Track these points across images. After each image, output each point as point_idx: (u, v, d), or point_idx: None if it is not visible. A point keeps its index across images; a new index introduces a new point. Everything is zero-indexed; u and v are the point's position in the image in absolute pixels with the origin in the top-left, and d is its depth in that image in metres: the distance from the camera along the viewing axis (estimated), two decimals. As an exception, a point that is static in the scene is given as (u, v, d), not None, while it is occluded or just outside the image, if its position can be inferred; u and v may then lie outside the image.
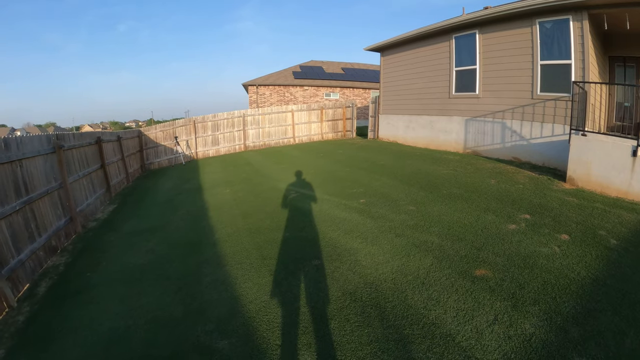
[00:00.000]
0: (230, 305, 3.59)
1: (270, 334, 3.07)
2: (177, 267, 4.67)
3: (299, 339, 2.94)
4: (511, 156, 8.93)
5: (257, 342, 2.98)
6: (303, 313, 3.31)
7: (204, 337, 3.13)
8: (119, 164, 11.12)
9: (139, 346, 3.13)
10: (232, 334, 3.12)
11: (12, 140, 4.75)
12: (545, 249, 3.95)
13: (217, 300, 3.72)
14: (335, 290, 3.61)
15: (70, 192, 6.44)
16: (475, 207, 5.54)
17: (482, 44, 9.65)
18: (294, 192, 7.62)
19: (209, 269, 4.48)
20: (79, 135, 7.67)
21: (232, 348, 2.94)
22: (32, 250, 4.80)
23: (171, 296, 3.94)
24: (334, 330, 3.00)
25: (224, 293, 3.85)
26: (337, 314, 3.21)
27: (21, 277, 4.47)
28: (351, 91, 27.96)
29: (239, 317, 3.37)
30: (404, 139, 13.51)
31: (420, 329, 2.87)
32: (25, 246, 4.70)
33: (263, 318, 3.30)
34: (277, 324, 3.19)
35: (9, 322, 3.74)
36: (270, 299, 3.62)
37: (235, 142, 17.36)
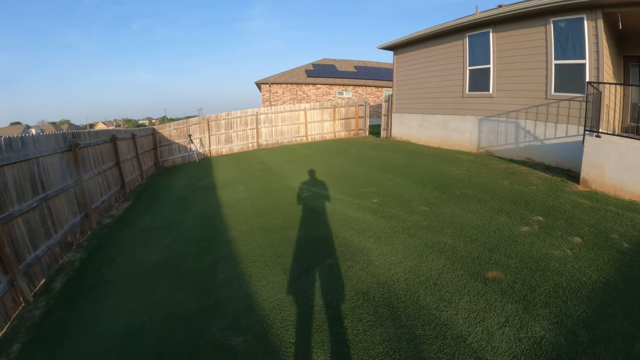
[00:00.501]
0: (244, 303, 3.66)
1: (284, 331, 3.13)
2: (192, 264, 4.76)
3: (313, 337, 3.00)
4: (525, 157, 8.85)
5: (271, 339, 3.04)
6: (316, 312, 3.36)
7: (219, 333, 3.20)
8: (134, 162, 11.31)
9: (154, 342, 3.21)
10: (246, 331, 3.19)
11: (29, 139, 4.89)
12: (557, 252, 3.94)
13: (232, 297, 3.79)
14: (349, 290, 3.66)
15: (85, 189, 6.59)
16: (488, 208, 5.54)
17: (495, 42, 9.56)
18: (307, 191, 7.69)
19: (223, 266, 4.56)
20: (94, 133, 7.83)
21: (247, 345, 3.00)
22: (48, 246, 4.95)
23: (186, 293, 4.02)
24: (346, 329, 3.05)
25: (238, 290, 3.93)
26: (350, 313, 3.26)
27: (37, 272, 4.62)
28: (364, 89, 27.91)
29: (253, 314, 3.44)
30: (417, 138, 13.47)
31: (432, 330, 2.90)
32: (42, 242, 4.85)
33: (277, 316, 3.37)
34: (290, 322, 3.25)
35: (25, 317, 3.87)
36: (284, 297, 3.68)
37: (249, 140, 17.49)
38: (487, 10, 10.00)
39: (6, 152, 4.28)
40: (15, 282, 3.99)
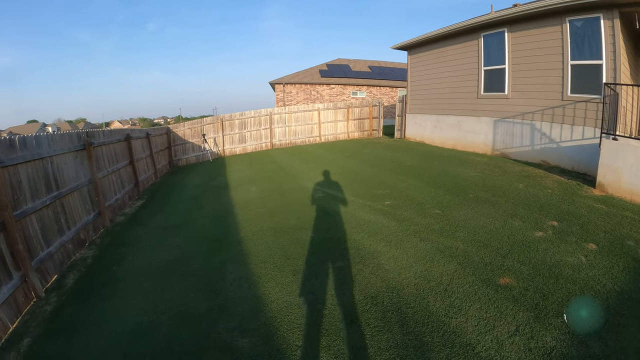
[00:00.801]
0: (252, 304, 3.66)
1: (291, 334, 3.11)
2: (202, 264, 4.79)
3: (319, 341, 2.97)
4: (540, 159, 8.66)
5: (278, 342, 3.03)
6: (324, 315, 3.33)
7: (225, 334, 3.21)
8: (148, 160, 11.45)
9: (162, 341, 3.24)
10: (253, 333, 3.19)
11: (43, 138, 4.98)
12: (571, 259, 3.83)
13: (240, 298, 3.80)
14: (357, 294, 3.62)
15: (99, 187, 6.69)
16: (502, 212, 5.43)
17: (511, 42, 9.37)
18: (320, 192, 7.67)
19: (233, 267, 4.57)
20: (108, 132, 7.95)
21: (253, 347, 3.00)
22: (61, 243, 5.04)
23: (195, 292, 4.05)
24: (354, 334, 3.01)
25: (247, 291, 3.93)
26: (358, 318, 3.22)
27: (50, 268, 4.71)
28: (378, 90, 27.77)
29: (260, 315, 3.44)
30: (431, 139, 13.32)
31: (441, 337, 2.84)
32: (55, 239, 4.94)
33: (284, 318, 3.35)
34: (297, 325, 3.23)
35: (37, 312, 3.95)
36: (293, 299, 3.67)
37: (262, 140, 17.55)
38: (502, 10, 9.81)
39: (20, 151, 4.37)
40: (28, 278, 4.08)
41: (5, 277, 3.77)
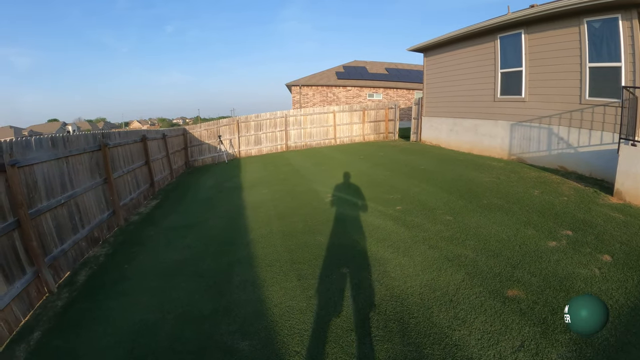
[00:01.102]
0: (255, 307, 3.67)
1: (290, 339, 3.11)
2: (211, 265, 4.85)
3: (318, 348, 2.96)
4: (557, 165, 8.40)
5: (277, 346, 3.03)
6: (325, 322, 3.31)
7: (227, 336, 3.24)
8: (164, 161, 11.63)
9: (165, 339, 3.30)
10: (253, 336, 3.20)
11: (59, 139, 5.11)
12: (584, 271, 3.67)
13: (244, 301, 3.82)
14: (360, 301, 3.58)
15: (114, 187, 6.83)
16: (516, 220, 5.29)
17: (528, 44, 9.14)
18: (331, 196, 7.64)
19: (240, 269, 4.60)
20: (124, 133, 8.10)
21: (252, 350, 3.02)
22: (74, 240, 5.18)
23: (201, 293, 4.10)
24: (353, 342, 2.98)
25: (251, 294, 3.95)
26: (359, 326, 3.19)
27: (63, 265, 4.85)
28: (395, 92, 27.55)
29: (262, 319, 3.45)
30: (447, 143, 13.13)
31: (442, 350, 2.77)
32: (69, 237, 5.09)
33: (285, 323, 3.35)
34: (297, 330, 3.22)
35: (48, 307, 4.09)
36: (295, 304, 3.66)
37: (277, 142, 17.63)
38: (518, 11, 9.56)
39: (36, 152, 4.49)
40: (41, 274, 4.22)
41: (19, 273, 3.90)
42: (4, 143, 3.87)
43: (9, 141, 3.96)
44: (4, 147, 3.87)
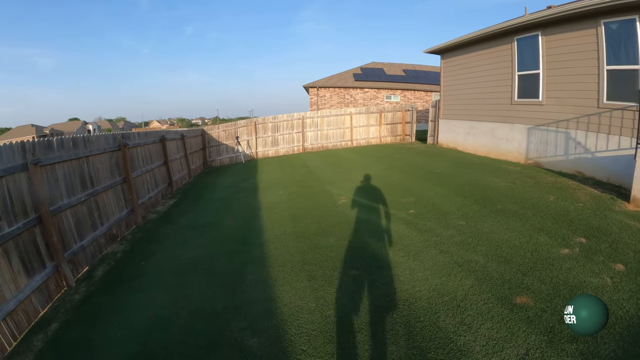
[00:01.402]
0: (265, 306, 3.78)
1: (298, 338, 3.19)
2: (224, 264, 4.98)
3: (324, 348, 3.03)
4: (575, 170, 8.22)
5: (284, 344, 3.12)
6: (332, 322, 3.38)
7: (237, 333, 3.35)
8: (182, 161, 11.88)
9: (177, 334, 3.44)
10: (262, 334, 3.30)
11: (80, 139, 5.34)
12: (595, 280, 3.61)
13: (255, 300, 3.93)
14: (368, 303, 3.63)
15: (132, 186, 7.04)
16: (529, 226, 5.24)
17: (545, 46, 8.97)
18: (345, 198, 7.69)
19: (252, 269, 4.72)
20: (143, 134, 8.33)
21: (261, 347, 3.12)
22: (93, 237, 5.40)
23: (214, 291, 4.24)
24: (358, 344, 3.04)
25: (262, 293, 4.05)
26: (365, 328, 3.24)
27: (81, 260, 5.08)
28: (412, 94, 27.40)
29: (271, 318, 3.55)
30: (463, 146, 13.00)
31: (446, 355, 2.79)
32: (88, 233, 5.31)
33: (294, 322, 3.44)
34: (305, 330, 3.30)
35: (66, 300, 4.30)
36: (304, 304, 3.74)
37: (294, 143, 17.76)
38: (536, 12, 9.38)
39: (57, 151, 4.70)
40: (60, 268, 4.43)
41: (39, 267, 4.12)
42: (27, 143, 4.07)
43: (32, 141, 4.17)
44: (27, 147, 4.08)
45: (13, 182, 3.87)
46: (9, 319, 3.47)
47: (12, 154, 3.87)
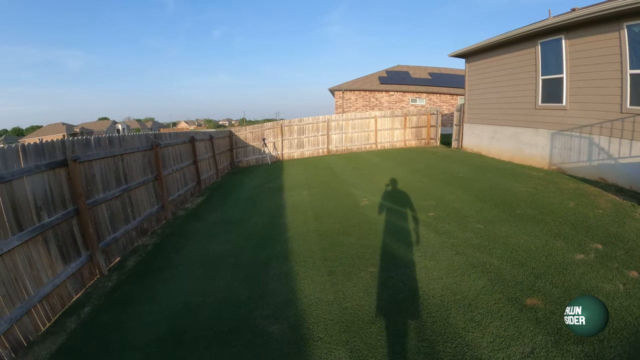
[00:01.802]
0: (287, 297, 4.06)
1: (316, 326, 3.45)
2: (250, 258, 5.32)
3: (339, 336, 3.28)
4: (597, 176, 8.08)
5: (303, 332, 3.39)
6: (348, 313, 3.62)
7: (260, 320, 3.65)
8: (210, 161, 12.33)
9: (203, 320, 3.78)
10: (283, 321, 3.59)
11: (115, 139, 5.78)
12: (608, 286, 3.67)
13: (278, 291, 4.23)
14: (383, 298, 3.84)
15: (163, 183, 7.46)
16: (546, 231, 5.29)
17: (568, 50, 8.85)
18: (366, 199, 7.88)
19: (276, 263, 5.03)
20: (174, 134, 8.78)
21: (281, 333, 3.40)
22: (126, 230, 5.85)
23: (239, 282, 4.57)
24: (371, 334, 3.26)
25: (284, 285, 4.35)
26: (379, 320, 3.46)
27: (114, 251, 5.54)
28: (438, 97, 27.18)
29: (292, 307, 3.83)
30: (487, 151, 12.91)
31: (453, 348, 2.97)
32: (121, 226, 5.76)
33: (313, 312, 3.70)
34: (323, 320, 3.56)
35: (99, 287, 4.74)
36: (323, 296, 4.00)
37: (319, 145, 18.02)
38: (559, 15, 9.26)
39: (95, 149, 5.15)
40: (94, 257, 4.89)
41: (75, 255, 4.57)
42: (67, 141, 4.50)
43: (71, 139, 4.62)
44: (67, 144, 4.51)
45: (54, 176, 4.29)
46: (45, 302, 3.89)
47: (53, 151, 4.31)
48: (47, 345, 3.57)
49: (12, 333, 3.37)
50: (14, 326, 3.39)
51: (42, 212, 4.03)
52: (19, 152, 3.77)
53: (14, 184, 3.65)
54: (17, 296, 3.51)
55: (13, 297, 3.45)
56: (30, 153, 3.93)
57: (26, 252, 3.72)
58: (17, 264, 3.57)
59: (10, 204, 3.58)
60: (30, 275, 3.73)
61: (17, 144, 3.85)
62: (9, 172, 3.57)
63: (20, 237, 3.62)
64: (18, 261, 3.58)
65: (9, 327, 3.31)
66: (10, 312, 3.37)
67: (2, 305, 3.31)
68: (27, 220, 3.79)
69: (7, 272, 3.42)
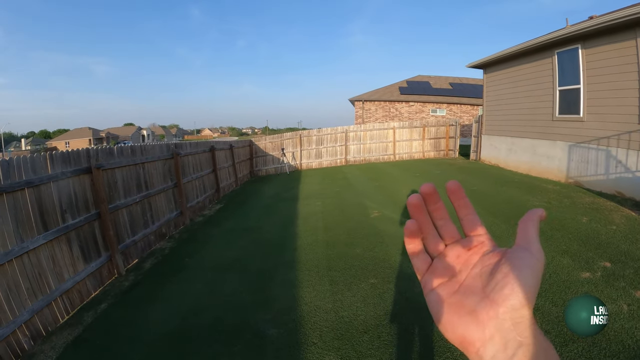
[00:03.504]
0: (288, 303, 4.24)
1: (312, 332, 3.61)
2: (258, 264, 5.54)
3: (332, 343, 3.42)
4: (614, 190, 7.88)
5: (300, 337, 3.55)
6: (344, 322, 3.75)
7: (261, 324, 3.85)
8: (230, 170, 12.67)
9: (209, 319, 4.04)
10: (282, 326, 3.77)
11: (137, 148, 6.14)
12: (611, 306, 3.59)
13: (280, 297, 4.42)
14: (380, 309, 3.94)
15: (182, 190, 7.79)
16: (554, 247, 5.25)
17: (585, 60, 8.70)
18: (377, 211, 7.96)
19: (283, 270, 5.22)
20: (194, 144, 9.14)
21: (279, 337, 3.59)
22: (144, 234, 6.21)
23: (246, 287, 4.79)
24: (362, 342, 3.38)
25: (287, 292, 4.53)
26: (373, 330, 3.57)
27: (132, 253, 5.90)
28: (458, 107, 26.92)
29: (292, 313, 4.00)
30: (505, 163, 12.75)
31: None
32: (140, 230, 6.11)
33: (310, 319, 3.86)
34: (319, 326, 3.71)
35: (116, 285, 5.09)
36: (322, 304, 4.15)
37: (337, 156, 18.19)
38: (577, 23, 9.13)
39: (117, 158, 5.49)
40: (113, 258, 5.24)
41: (96, 255, 4.94)
42: (91, 150, 4.87)
43: (95, 149, 5.01)
44: (92, 153, 4.89)
45: (78, 182, 4.68)
46: (65, 296, 4.24)
47: (78, 159, 4.71)
48: (64, 335, 3.91)
49: (32, 323, 3.72)
50: (34, 316, 3.74)
51: (66, 215, 4.38)
52: (47, 159, 4.13)
53: (41, 188, 4.03)
54: (40, 290, 3.87)
55: (36, 290, 3.81)
56: (58, 160, 4.29)
57: (50, 251, 4.09)
58: (41, 261, 3.93)
59: (38, 207, 3.97)
60: (53, 271, 4.09)
61: (46, 153, 4.21)
62: (37, 177, 3.94)
63: (45, 236, 3.99)
64: (42, 258, 3.95)
65: (30, 317, 3.66)
66: (32, 303, 3.72)
67: (25, 297, 3.66)
68: (52, 221, 4.17)
69: (31, 267, 3.79)
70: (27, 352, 3.58)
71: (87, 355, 3.62)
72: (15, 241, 3.60)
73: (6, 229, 3.51)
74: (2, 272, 3.42)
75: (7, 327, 3.36)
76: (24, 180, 3.76)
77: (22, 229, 3.72)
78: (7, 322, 3.40)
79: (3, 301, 3.38)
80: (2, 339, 3.29)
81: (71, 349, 3.68)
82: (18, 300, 3.56)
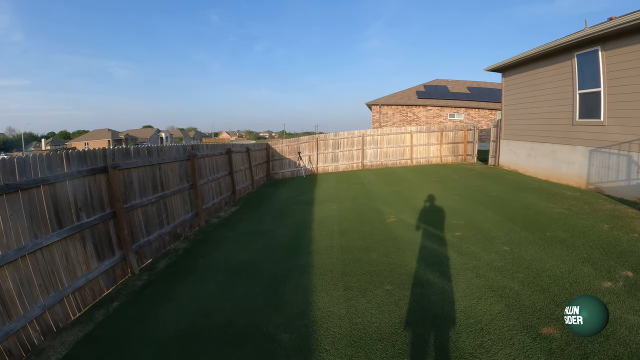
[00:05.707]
0: (301, 308, 4.19)
1: (324, 339, 3.54)
2: (272, 268, 5.51)
3: (345, 350, 3.35)
4: (636, 197, 7.60)
5: (311, 343, 3.49)
6: (357, 329, 3.67)
7: (272, 328, 3.80)
8: (246, 172, 12.73)
9: (220, 322, 4.02)
10: (294, 331, 3.71)
11: (154, 149, 6.17)
12: (633, 318, 3.44)
13: (293, 301, 4.37)
14: (395, 316, 3.85)
15: (198, 192, 7.82)
16: (575, 255, 5.07)
17: (605, 62, 8.44)
18: (393, 217, 7.86)
19: (296, 274, 5.17)
20: (211, 146, 9.20)
21: (290, 342, 3.53)
22: (159, 234, 6.26)
23: (259, 290, 4.76)
24: (376, 351, 3.30)
25: (300, 297, 4.48)
26: (386, 337, 3.49)
27: (146, 252, 5.94)
28: (477, 112, 26.54)
29: (304, 318, 3.95)
30: (524, 168, 12.47)
31: (457, 372, 2.95)
32: (155, 230, 6.16)
33: (323, 324, 3.80)
34: (332, 333, 3.64)
35: (129, 285, 5.13)
36: (336, 310, 4.08)
37: (354, 160, 18.13)
38: (596, 25, 8.87)
39: (134, 158, 5.53)
40: (127, 257, 5.29)
41: (110, 254, 4.99)
42: (108, 150, 4.91)
43: (112, 149, 5.05)
44: (108, 153, 4.94)
45: (94, 181, 4.74)
46: (77, 293, 4.29)
47: (95, 158, 4.77)
48: (74, 332, 3.96)
49: (43, 318, 3.76)
50: (46, 312, 3.78)
51: (81, 213, 4.44)
52: (62, 158, 4.18)
53: (57, 186, 4.08)
54: (52, 286, 3.92)
55: (48, 287, 3.86)
56: (74, 159, 4.35)
57: (64, 248, 4.14)
58: (55, 258, 3.99)
59: (53, 204, 4.03)
60: (66, 268, 4.14)
61: (62, 151, 4.26)
62: (52, 175, 3.99)
63: (60, 233, 4.05)
64: (56, 255, 4.01)
65: (41, 313, 3.70)
66: (44, 299, 3.77)
67: (37, 293, 3.71)
68: (67, 219, 4.23)
69: (44, 264, 3.84)
70: (37, 347, 3.62)
71: (96, 352, 3.64)
72: (29, 237, 3.65)
73: (20, 226, 3.56)
74: (15, 268, 3.47)
75: (18, 321, 3.41)
76: (39, 177, 3.81)
77: (37, 226, 3.77)
78: (18, 316, 3.44)
79: (15, 296, 3.43)
80: (13, 333, 3.33)
81: (80, 346, 3.72)
82: (30, 296, 3.61)
